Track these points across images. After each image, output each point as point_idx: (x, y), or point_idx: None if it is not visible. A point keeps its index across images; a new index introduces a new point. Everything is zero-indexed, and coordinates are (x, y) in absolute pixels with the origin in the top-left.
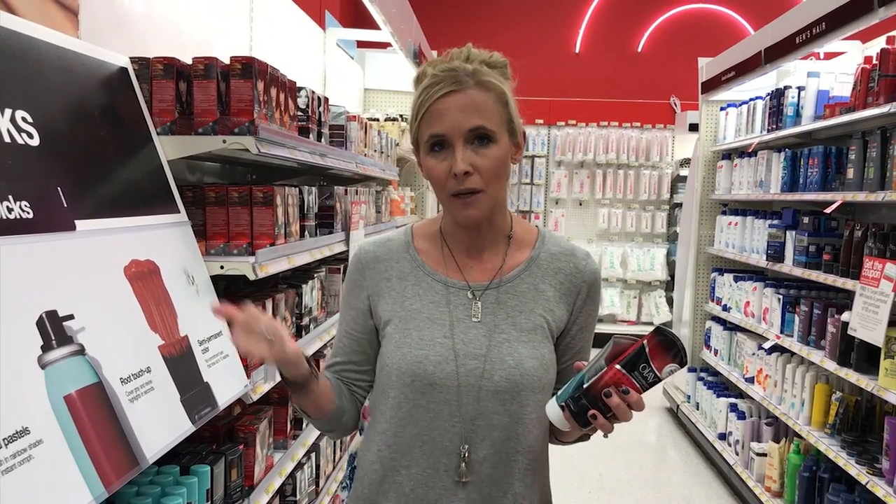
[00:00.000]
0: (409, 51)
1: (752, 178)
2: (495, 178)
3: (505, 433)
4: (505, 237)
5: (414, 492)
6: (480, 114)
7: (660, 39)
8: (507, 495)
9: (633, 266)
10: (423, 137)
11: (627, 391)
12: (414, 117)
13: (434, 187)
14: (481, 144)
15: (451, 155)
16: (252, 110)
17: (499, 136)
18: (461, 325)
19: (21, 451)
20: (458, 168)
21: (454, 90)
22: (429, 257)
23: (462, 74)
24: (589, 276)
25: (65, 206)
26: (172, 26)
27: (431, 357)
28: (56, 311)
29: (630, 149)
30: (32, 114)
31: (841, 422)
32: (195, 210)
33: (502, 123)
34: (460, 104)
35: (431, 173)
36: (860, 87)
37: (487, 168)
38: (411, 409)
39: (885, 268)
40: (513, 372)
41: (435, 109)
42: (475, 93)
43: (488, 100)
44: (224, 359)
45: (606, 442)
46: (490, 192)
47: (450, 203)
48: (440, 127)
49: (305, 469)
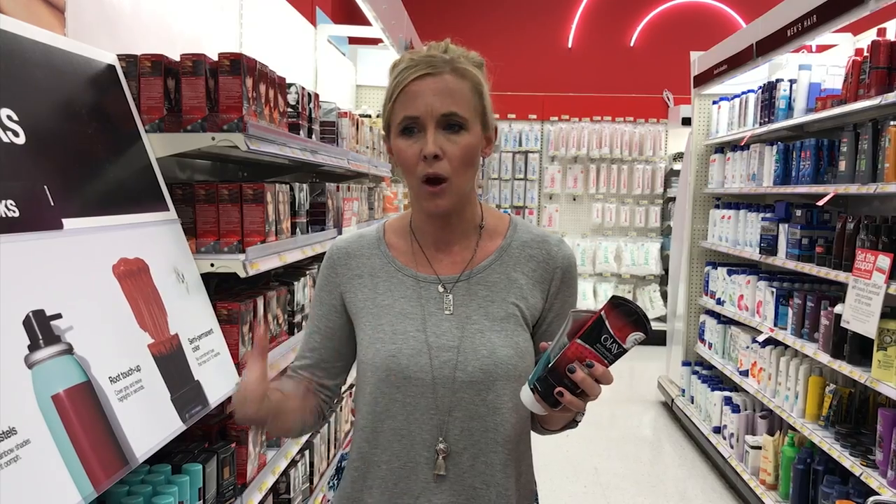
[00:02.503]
0: (400, 47)
1: (744, 172)
2: (463, 167)
3: (482, 424)
4: (476, 228)
5: (397, 486)
6: (455, 100)
7: (652, 34)
8: (490, 488)
9: (627, 261)
10: (396, 119)
11: (592, 364)
12: (388, 99)
13: (403, 171)
14: (453, 131)
15: (422, 138)
16: (241, 107)
17: (471, 125)
18: (433, 319)
19: (8, 452)
20: (429, 150)
21: (430, 73)
22: (399, 252)
23: (439, 61)
24: (562, 262)
25: (52, 204)
26: (161, 23)
27: (405, 350)
28: (43, 311)
29: (623, 143)
30: (18, 112)
31: (835, 414)
32: (185, 208)
33: (476, 114)
34: (435, 88)
35: (401, 155)
36: (851, 79)
37: (457, 155)
38: (388, 403)
39: (877, 260)
40: (486, 361)
41: (409, 91)
42: (451, 78)
43: (463, 87)
44: (215, 357)
45: (601, 436)
46: (456, 181)
47: (420, 190)
48: (414, 109)
49: (299, 466)
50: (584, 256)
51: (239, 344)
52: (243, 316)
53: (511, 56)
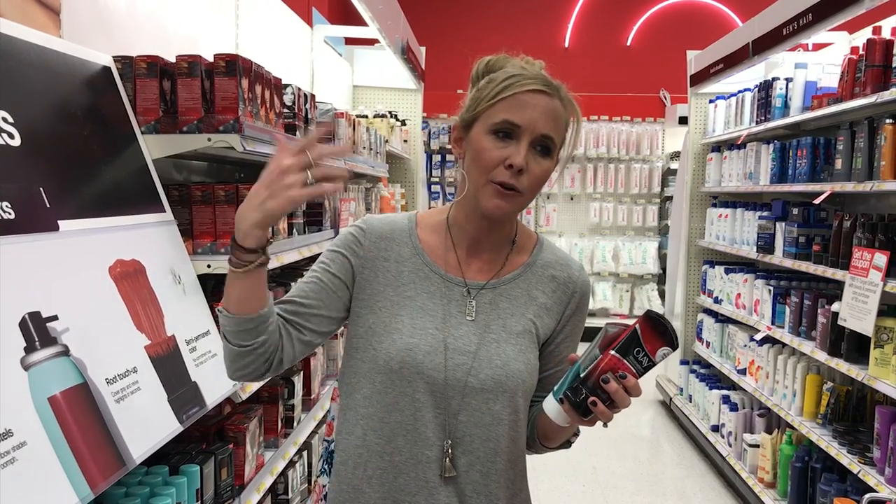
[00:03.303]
0: (397, 47)
1: (741, 170)
2: (537, 188)
3: (484, 432)
4: (509, 242)
5: (397, 480)
6: (556, 126)
7: (649, 33)
8: (480, 496)
9: (624, 260)
10: (494, 118)
11: (625, 376)
12: (492, 96)
13: (475, 167)
14: (542, 154)
15: (512, 145)
16: (237, 108)
17: (555, 154)
18: (453, 321)
19: (4, 454)
20: (519, 162)
21: (546, 92)
22: (430, 248)
23: (552, 85)
24: (581, 287)
25: (48, 206)
26: (156, 24)
27: (422, 346)
28: (39, 313)
29: (620, 142)
30: (13, 114)
31: (832, 412)
32: (182, 209)
33: (560, 144)
34: (546, 107)
35: (483, 154)
36: (847, 77)
37: (537, 176)
38: (397, 396)
39: (873, 258)
40: (499, 372)
41: (521, 99)
42: (559, 105)
43: (563, 117)
44: (212, 358)
45: (600, 435)
46: (526, 198)
47: (486, 188)
48: (519, 117)
49: (297, 467)
50: (582, 256)
51: None
52: None
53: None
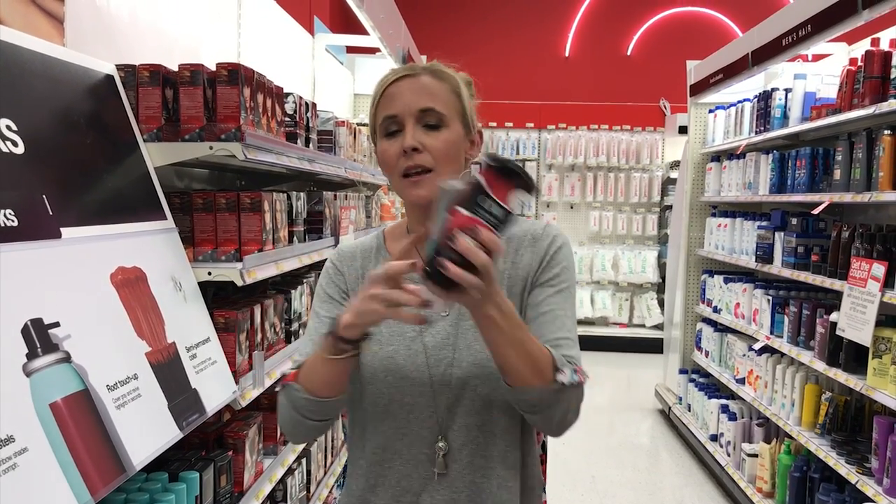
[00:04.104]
0: (398, 56)
1: (740, 180)
2: (446, 159)
3: (479, 418)
4: None
5: (399, 484)
6: (432, 97)
7: (649, 42)
8: (491, 480)
9: (624, 268)
10: (378, 122)
11: (476, 230)
12: (372, 106)
13: (386, 172)
14: (432, 128)
15: (401, 136)
16: (239, 116)
17: (450, 122)
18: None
19: (6, 460)
20: (407, 143)
21: (408, 75)
22: (399, 257)
23: (418, 67)
24: (548, 238)
25: (50, 213)
26: (159, 33)
27: (402, 351)
28: (41, 319)
29: (620, 152)
30: (17, 122)
31: (831, 422)
32: (183, 216)
33: (455, 112)
34: (412, 86)
35: (384, 156)
36: (846, 88)
37: (437, 147)
38: (388, 403)
39: (871, 268)
40: (480, 356)
41: (388, 93)
42: (428, 79)
43: (441, 87)
44: (212, 365)
45: (599, 444)
46: (440, 172)
47: (400, 185)
48: (392, 108)
49: (296, 474)
50: (582, 264)
51: (236, 352)
52: (240, 324)
53: (508, 65)
